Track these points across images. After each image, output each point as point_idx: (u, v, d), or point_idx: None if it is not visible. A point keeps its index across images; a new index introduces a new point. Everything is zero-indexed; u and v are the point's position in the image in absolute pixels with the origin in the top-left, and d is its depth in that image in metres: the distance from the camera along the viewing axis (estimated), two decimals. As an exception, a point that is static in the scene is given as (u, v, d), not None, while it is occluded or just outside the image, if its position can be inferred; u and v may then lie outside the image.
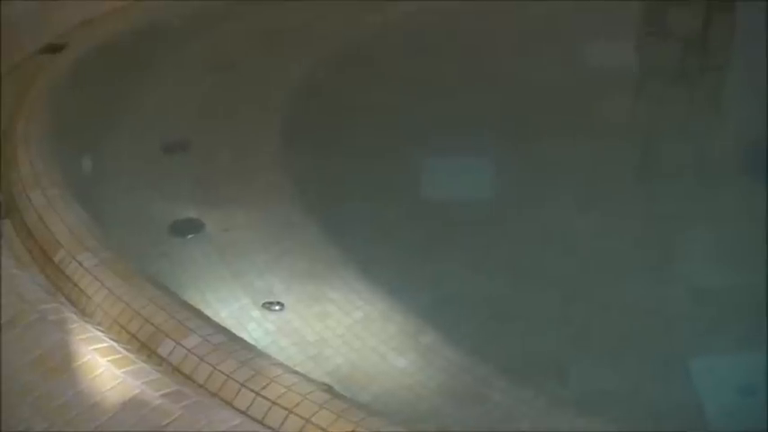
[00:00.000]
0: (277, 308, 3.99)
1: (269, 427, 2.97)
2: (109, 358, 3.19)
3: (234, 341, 3.40)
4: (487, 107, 5.46)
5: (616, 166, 4.96)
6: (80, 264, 3.83)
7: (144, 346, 3.38)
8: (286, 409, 2.99)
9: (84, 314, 3.56)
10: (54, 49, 6.20)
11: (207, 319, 3.54)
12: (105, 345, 3.27)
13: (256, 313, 4.01)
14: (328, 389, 3.17)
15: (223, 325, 3.56)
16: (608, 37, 6.80)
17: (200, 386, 3.18)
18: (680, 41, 7.10)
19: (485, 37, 6.46)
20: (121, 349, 3.28)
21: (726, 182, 4.85)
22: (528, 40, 6.49)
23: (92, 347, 3.25)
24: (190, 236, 4.50)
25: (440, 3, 6.78)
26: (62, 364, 3.21)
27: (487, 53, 6.21)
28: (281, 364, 3.26)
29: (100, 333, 3.37)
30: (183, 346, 3.32)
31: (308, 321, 3.95)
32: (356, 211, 4.62)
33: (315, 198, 4.68)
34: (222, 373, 3.18)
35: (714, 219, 4.52)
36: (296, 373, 3.22)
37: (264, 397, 3.05)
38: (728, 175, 4.94)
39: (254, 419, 3.00)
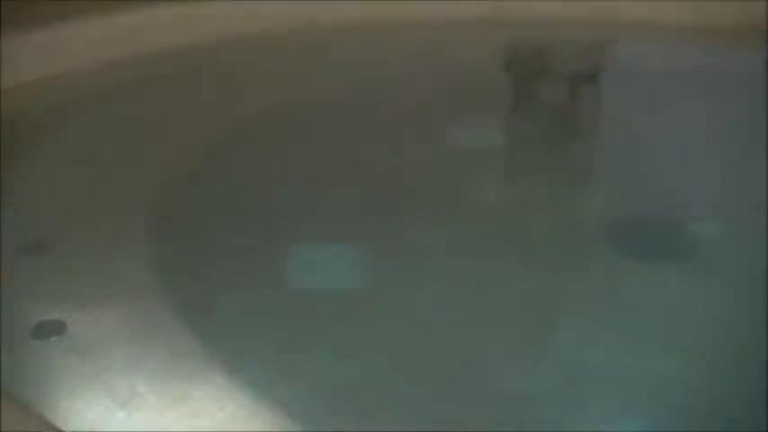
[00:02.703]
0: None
1: None
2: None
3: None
4: (354, 193, 5.44)
5: (486, 246, 4.95)
6: None
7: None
8: None
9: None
10: None
11: None
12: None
13: (121, 414, 3.91)
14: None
15: (86, 426, 3.45)
16: (475, 113, 6.88)
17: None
18: (548, 112, 7.23)
19: (348, 122, 6.50)
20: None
21: (594, 256, 4.88)
22: (395, 123, 6.53)
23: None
24: (53, 338, 4.37)
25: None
26: None
27: (353, 138, 6.23)
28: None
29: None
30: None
31: (172, 422, 3.85)
32: (224, 305, 4.54)
33: (181, 294, 4.59)
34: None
35: (585, 296, 4.55)
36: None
37: None
38: (597, 248, 4.97)
39: None
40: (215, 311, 4.50)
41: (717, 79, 8.32)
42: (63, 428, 3.56)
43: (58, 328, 4.38)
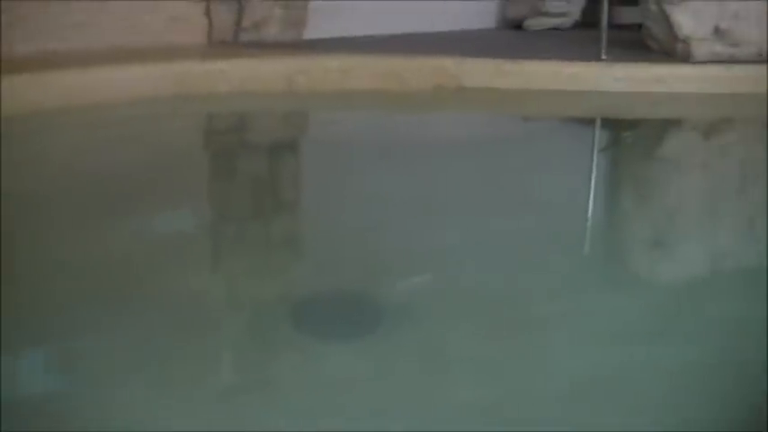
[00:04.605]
0: None
1: None
2: None
3: None
4: (46, 288, 5.08)
5: (175, 332, 4.69)
6: None
7: None
8: None
9: None
10: None
11: None
12: None
13: None
14: None
15: None
16: (173, 192, 6.70)
17: None
18: (247, 184, 7.13)
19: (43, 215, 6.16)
20: None
21: (280, 338, 4.71)
22: (93, 212, 6.21)
23: None
24: None
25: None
26: None
27: (48, 232, 5.87)
28: None
29: None
30: None
31: None
32: None
33: None
34: None
35: (268, 379, 4.38)
36: None
37: None
38: (283, 330, 4.80)
39: None
40: None
41: (416, 143, 8.48)
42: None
43: None
